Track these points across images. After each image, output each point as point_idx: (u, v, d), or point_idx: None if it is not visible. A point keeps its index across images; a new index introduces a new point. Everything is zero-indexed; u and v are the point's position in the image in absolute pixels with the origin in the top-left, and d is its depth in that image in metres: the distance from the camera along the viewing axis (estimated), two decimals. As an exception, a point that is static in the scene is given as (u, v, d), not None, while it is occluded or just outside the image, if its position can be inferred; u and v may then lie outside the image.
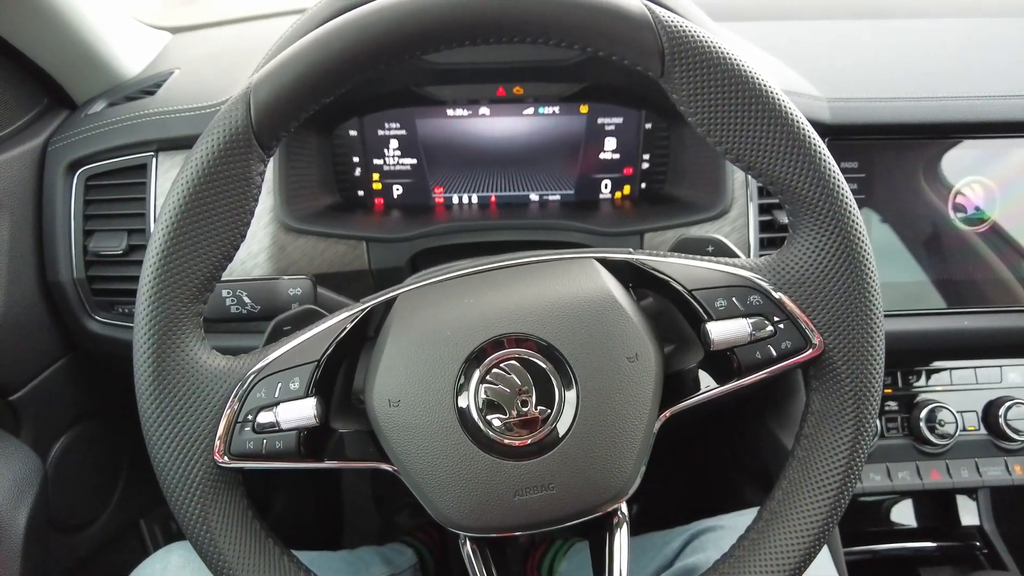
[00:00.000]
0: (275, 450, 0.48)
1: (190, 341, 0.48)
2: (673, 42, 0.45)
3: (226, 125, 0.46)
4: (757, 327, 0.49)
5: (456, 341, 0.47)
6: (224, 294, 0.62)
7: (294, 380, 0.48)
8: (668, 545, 0.79)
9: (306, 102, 0.46)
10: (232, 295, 0.62)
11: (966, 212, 0.83)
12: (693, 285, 0.50)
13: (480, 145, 0.87)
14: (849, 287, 0.49)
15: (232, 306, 0.62)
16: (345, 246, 0.80)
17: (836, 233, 0.48)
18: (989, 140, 0.81)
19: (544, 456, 0.47)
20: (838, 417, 0.50)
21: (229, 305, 0.62)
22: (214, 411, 0.48)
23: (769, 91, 0.46)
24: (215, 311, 0.62)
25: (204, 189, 0.46)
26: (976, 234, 0.83)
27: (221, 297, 0.62)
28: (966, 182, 0.82)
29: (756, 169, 0.48)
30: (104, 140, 0.80)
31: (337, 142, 0.86)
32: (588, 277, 0.50)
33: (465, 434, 0.47)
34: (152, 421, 0.47)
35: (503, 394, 0.47)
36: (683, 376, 0.52)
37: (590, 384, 0.47)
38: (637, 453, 0.48)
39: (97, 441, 0.96)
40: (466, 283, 0.51)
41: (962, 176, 0.82)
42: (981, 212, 0.83)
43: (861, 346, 0.49)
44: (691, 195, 0.85)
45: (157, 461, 0.48)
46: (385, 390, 0.48)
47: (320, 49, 0.45)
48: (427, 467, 0.47)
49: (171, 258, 0.46)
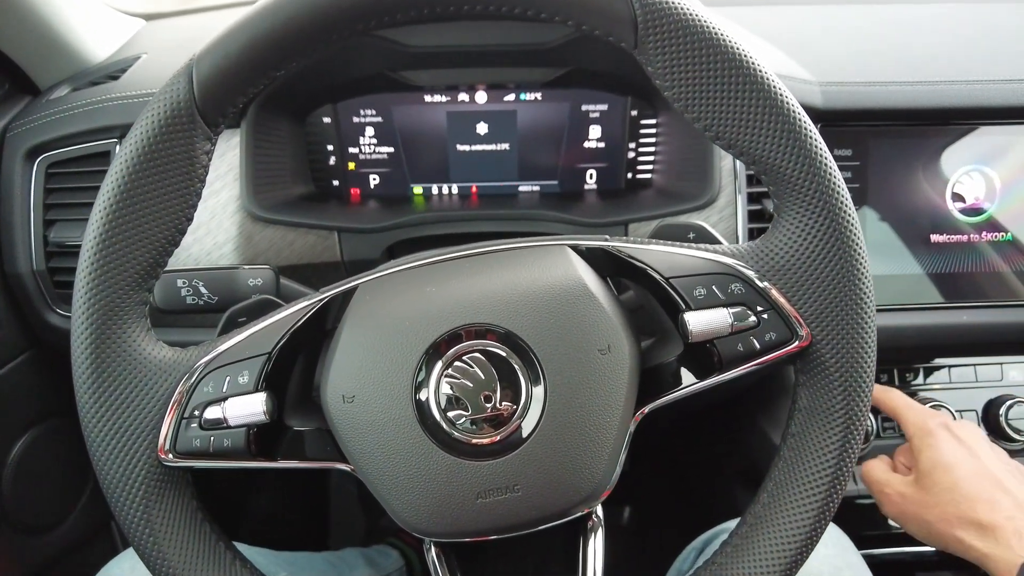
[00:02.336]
0: (223, 448, 0.45)
1: (132, 331, 0.45)
2: (647, 10, 0.42)
3: (166, 100, 0.43)
4: (739, 317, 0.46)
5: (415, 332, 0.45)
6: (180, 284, 0.59)
7: (243, 374, 0.46)
8: (684, 563, 0.76)
9: (254, 75, 0.44)
10: (188, 285, 0.59)
11: (965, 203, 0.80)
12: (671, 273, 0.47)
13: (460, 133, 0.84)
14: (838, 274, 0.46)
15: (188, 296, 0.59)
16: (316, 236, 0.77)
17: (824, 216, 0.45)
18: (989, 127, 0.78)
19: (508, 456, 0.44)
20: (826, 414, 0.47)
21: (185, 296, 0.59)
22: (158, 406, 0.45)
23: (750, 62, 0.44)
24: (170, 302, 0.59)
25: (144, 169, 0.44)
26: (975, 226, 0.80)
27: (176, 287, 0.59)
28: (965, 171, 0.79)
29: (737, 147, 0.45)
30: (65, 125, 0.77)
31: (310, 130, 0.83)
32: (559, 265, 0.47)
33: (424, 432, 0.44)
34: (91, 415, 0.45)
35: (465, 389, 0.44)
36: (662, 371, 0.49)
37: (558, 378, 0.44)
38: (610, 452, 0.45)
39: (64, 439, 0.92)
40: (430, 272, 0.48)
41: (961, 165, 0.79)
42: (980, 203, 0.80)
43: (851, 338, 0.46)
44: (678, 184, 0.82)
45: (96, 458, 0.45)
46: (339, 384, 0.45)
47: (267, 17, 0.43)
48: (384, 467, 0.44)
49: (110, 243, 0.44)
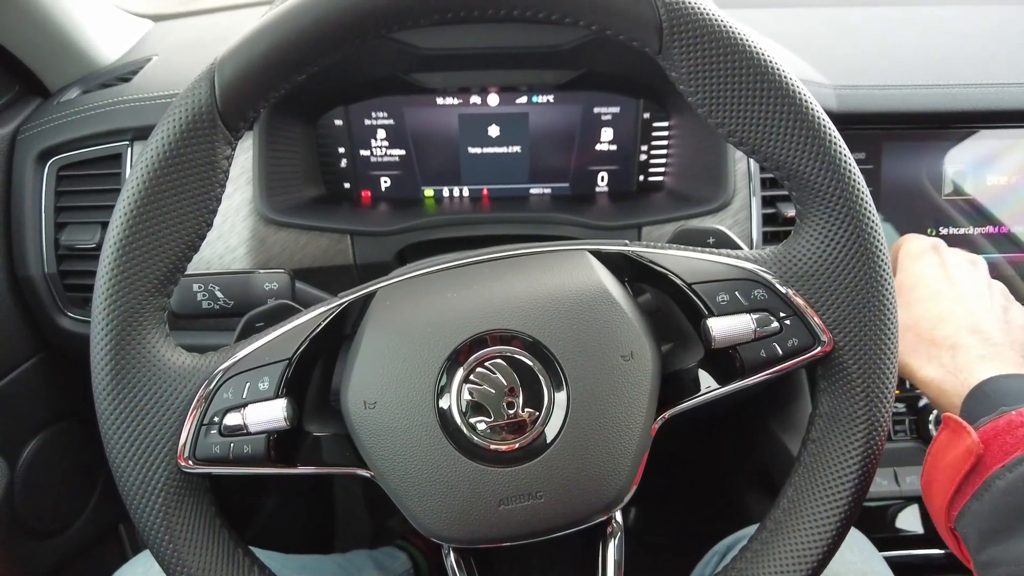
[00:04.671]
0: (243, 455, 0.45)
1: (152, 337, 0.45)
2: (672, 15, 0.42)
3: (188, 105, 0.43)
4: (762, 323, 0.46)
5: (437, 338, 0.44)
6: (195, 288, 0.59)
7: (263, 380, 0.45)
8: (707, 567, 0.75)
9: (276, 79, 0.43)
10: (204, 289, 0.59)
11: (979, 208, 0.80)
12: (693, 278, 0.47)
13: (471, 135, 0.84)
14: (861, 280, 0.45)
15: (204, 301, 0.59)
16: (328, 240, 0.77)
17: (847, 222, 0.45)
18: (1005, 130, 0.78)
19: (531, 462, 0.43)
20: (849, 420, 0.47)
21: (201, 300, 0.59)
22: (178, 412, 0.45)
23: (776, 69, 0.44)
24: (186, 306, 0.58)
25: (165, 174, 0.43)
26: (990, 232, 0.80)
27: (192, 292, 0.58)
28: (980, 176, 0.79)
29: (761, 152, 0.45)
30: (76, 128, 0.77)
31: (322, 132, 0.83)
32: (580, 270, 0.46)
33: (446, 438, 0.43)
34: (110, 422, 0.45)
35: (487, 395, 0.44)
36: (682, 376, 0.49)
37: (581, 385, 0.44)
38: (632, 459, 0.45)
39: (74, 442, 0.92)
40: (449, 277, 0.48)
41: (975, 170, 0.79)
42: (998, 211, 0.80)
43: (874, 344, 0.46)
44: (691, 187, 0.82)
45: (116, 465, 0.45)
46: (360, 391, 0.45)
47: (290, 21, 0.42)
48: (406, 474, 0.44)
49: (130, 248, 0.44)
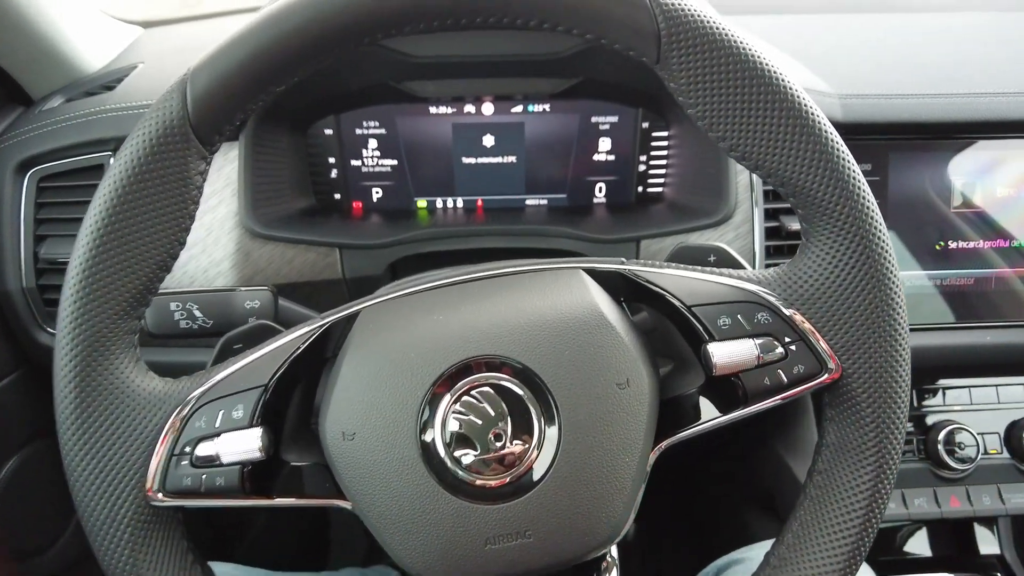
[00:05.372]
0: (215, 487, 0.43)
1: (121, 362, 0.43)
2: (671, 22, 0.40)
3: (159, 117, 0.41)
4: (765, 349, 0.43)
5: (420, 364, 0.42)
6: (172, 307, 0.56)
7: (238, 407, 0.43)
8: None
9: (253, 91, 0.41)
10: (182, 308, 0.56)
11: (987, 219, 0.77)
12: (693, 300, 0.44)
13: (465, 145, 0.81)
14: (871, 303, 0.43)
15: (182, 320, 0.56)
16: (316, 253, 0.75)
17: (856, 241, 0.43)
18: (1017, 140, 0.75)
19: (520, 499, 0.41)
20: (858, 452, 0.44)
21: (178, 320, 0.56)
22: (146, 442, 0.43)
23: (780, 79, 0.41)
24: (162, 326, 0.56)
25: (134, 191, 0.41)
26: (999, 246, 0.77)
27: (169, 310, 0.56)
28: (988, 187, 0.77)
29: (765, 168, 0.42)
30: (57, 138, 0.74)
31: (312, 141, 0.81)
32: (574, 291, 0.44)
33: (429, 472, 0.41)
34: (74, 452, 0.42)
35: (474, 427, 0.41)
36: (681, 402, 0.46)
37: (574, 415, 0.41)
38: (628, 493, 0.42)
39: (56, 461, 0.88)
40: (436, 297, 0.45)
41: (983, 180, 0.76)
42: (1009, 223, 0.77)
43: (884, 371, 0.43)
44: (691, 199, 0.79)
45: (79, 499, 0.43)
46: (339, 420, 0.42)
47: (267, 29, 0.40)
48: (386, 509, 0.41)
49: (97, 269, 0.41)
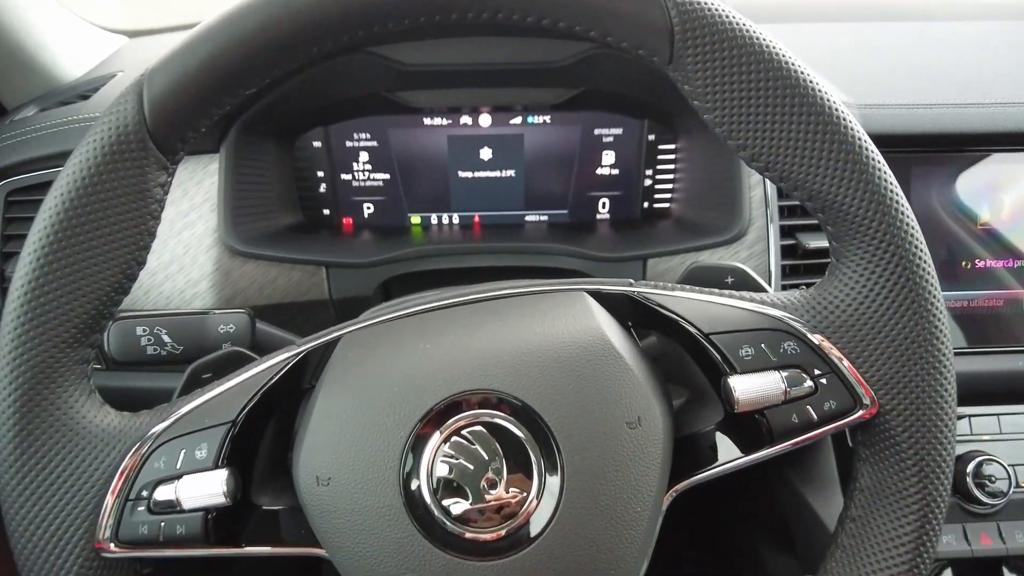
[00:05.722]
0: (175, 536, 0.38)
1: (69, 395, 0.38)
2: (686, 17, 0.36)
3: (112, 123, 0.37)
4: (793, 382, 0.39)
5: (404, 400, 0.37)
6: (139, 331, 0.51)
7: (201, 446, 0.39)
8: None
9: (217, 94, 0.37)
10: (148, 333, 0.51)
11: (1018, 236, 0.73)
12: (711, 328, 0.39)
13: (462, 159, 0.77)
14: (911, 332, 0.38)
15: (148, 346, 0.51)
16: (301, 272, 0.70)
17: (894, 261, 0.38)
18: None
19: (517, 555, 0.36)
20: (898, 499, 0.40)
21: (145, 345, 0.51)
22: (97, 484, 0.38)
23: (808, 80, 0.37)
24: (127, 352, 0.51)
25: (83, 203, 0.37)
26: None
27: (135, 335, 0.51)
28: (1018, 202, 0.72)
29: (791, 179, 0.38)
30: (27, 149, 0.70)
31: (299, 154, 0.77)
32: (578, 317, 0.39)
33: (414, 523, 0.36)
34: (13, 497, 0.37)
35: (465, 472, 0.36)
36: (698, 440, 0.42)
37: (579, 459, 0.37)
38: (639, 544, 0.37)
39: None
40: (425, 322, 0.41)
41: (1013, 195, 0.72)
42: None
43: (927, 407, 0.39)
44: (701, 215, 0.75)
45: (19, 550, 0.38)
46: (313, 464, 0.37)
47: (230, 25, 0.36)
48: (365, 563, 0.37)
49: (40, 291, 0.37)
